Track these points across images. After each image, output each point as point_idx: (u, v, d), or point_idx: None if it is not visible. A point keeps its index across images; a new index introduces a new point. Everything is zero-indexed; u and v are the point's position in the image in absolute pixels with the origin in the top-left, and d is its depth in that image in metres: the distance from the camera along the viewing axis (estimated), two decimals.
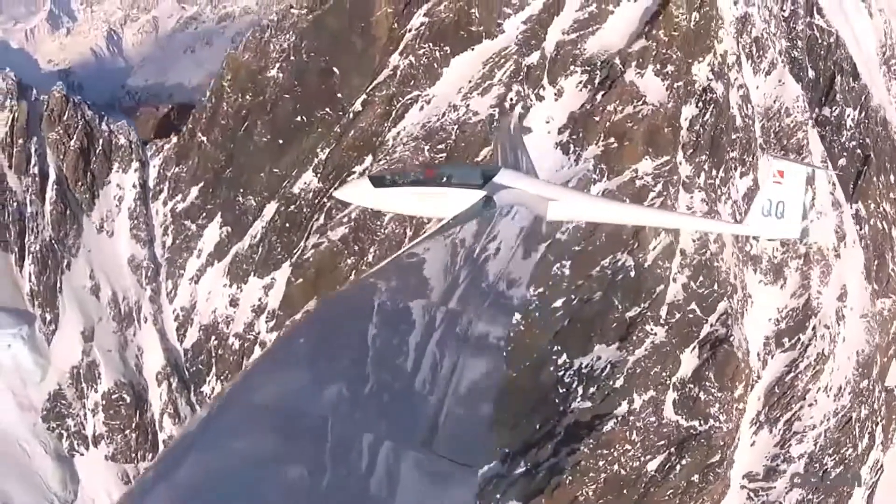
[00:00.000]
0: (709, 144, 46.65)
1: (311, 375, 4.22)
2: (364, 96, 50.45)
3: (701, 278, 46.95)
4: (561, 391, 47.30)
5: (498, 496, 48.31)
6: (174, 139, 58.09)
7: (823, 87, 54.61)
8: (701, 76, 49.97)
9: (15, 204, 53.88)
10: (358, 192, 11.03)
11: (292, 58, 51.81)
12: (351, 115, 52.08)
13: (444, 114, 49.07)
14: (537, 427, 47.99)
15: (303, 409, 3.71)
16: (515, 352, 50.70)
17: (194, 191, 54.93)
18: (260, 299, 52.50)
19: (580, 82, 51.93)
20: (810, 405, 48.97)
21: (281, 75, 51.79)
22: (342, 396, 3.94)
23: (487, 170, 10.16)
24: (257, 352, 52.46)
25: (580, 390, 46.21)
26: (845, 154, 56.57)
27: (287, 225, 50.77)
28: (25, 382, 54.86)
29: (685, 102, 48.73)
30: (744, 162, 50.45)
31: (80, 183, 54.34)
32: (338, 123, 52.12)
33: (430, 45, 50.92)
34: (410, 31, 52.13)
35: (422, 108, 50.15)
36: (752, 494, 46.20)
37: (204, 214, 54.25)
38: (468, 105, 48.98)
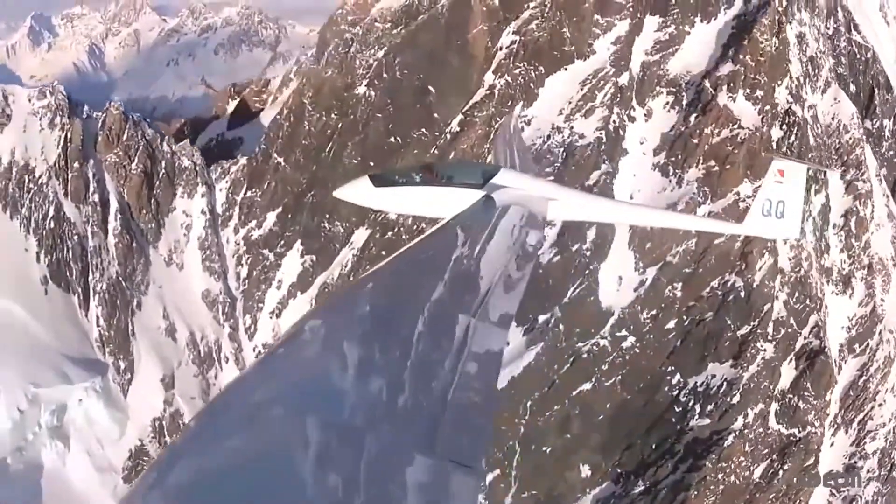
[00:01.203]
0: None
1: (311, 375, 3.87)
2: (461, 116, 44.35)
3: (797, 294, 43.84)
4: (677, 410, 42.90)
5: None
6: (242, 160, 49.61)
7: (864, 100, 53.18)
8: (781, 99, 46.71)
9: (75, 237, 44.30)
10: (358, 192, 9.86)
11: (385, 75, 44.83)
12: (448, 135, 45.56)
13: (548, 136, 43.64)
14: (653, 447, 43.29)
15: (301, 405, 3.43)
16: (630, 374, 46.18)
17: (271, 217, 47.11)
18: None
19: (667, 103, 48.13)
20: (880, 405, 47.85)
21: (373, 93, 44.60)
22: (341, 395, 3.66)
23: (487, 169, 9.35)
24: None
25: (697, 408, 42.11)
26: (885, 164, 55.60)
27: (384, 253, 43.82)
28: (102, 441, 46.90)
29: (772, 125, 48.45)
30: (817, 180, 47.82)
31: (144, 211, 45.37)
32: (434, 144, 45.73)
33: (525, 64, 45.34)
34: (502, 48, 46.06)
35: (522, 129, 44.40)
36: (834, 491, 43.41)
37: (282, 242, 46.65)
38: (572, 127, 43.92)
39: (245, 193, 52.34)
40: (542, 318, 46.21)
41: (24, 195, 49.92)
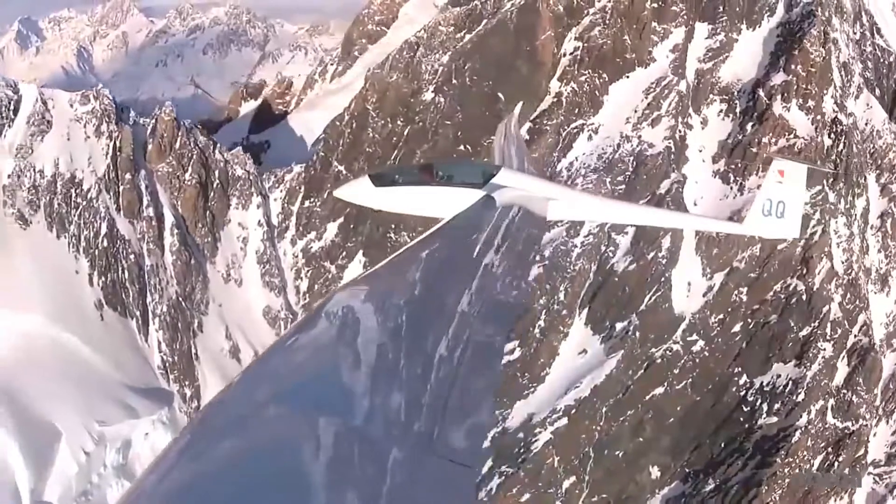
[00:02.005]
0: (843, 172, 43.73)
1: (311, 374, 3.84)
2: (529, 124, 42.28)
3: (848, 295, 44.11)
4: (745, 410, 42.53)
5: None
6: (297, 168, 46.29)
7: (888, 104, 53.93)
8: (828, 108, 46.70)
9: (131, 256, 39.71)
10: (358, 192, 9.53)
11: (454, 81, 42.27)
12: None
13: (618, 145, 42.11)
14: (722, 446, 42.79)
15: (301, 405, 3.34)
16: (699, 376, 45.51)
17: (332, 228, 44.33)
18: None
19: (721, 111, 47.75)
20: None
21: (442, 100, 42.04)
22: (351, 395, 3.63)
23: (488, 169, 9.06)
24: None
25: (765, 407, 41.74)
26: None
27: None
28: None
29: (822, 134, 49.61)
30: (859, 184, 48.21)
31: (199, 224, 41.60)
32: None
33: (590, 71, 43.68)
34: (565, 55, 44.29)
35: (590, 137, 43.38)
36: (877, 478, 44.02)
37: (344, 253, 43.63)
38: (640, 136, 42.64)
39: (302, 203, 48.62)
40: (619, 325, 44.82)
41: (71, 211, 44.68)
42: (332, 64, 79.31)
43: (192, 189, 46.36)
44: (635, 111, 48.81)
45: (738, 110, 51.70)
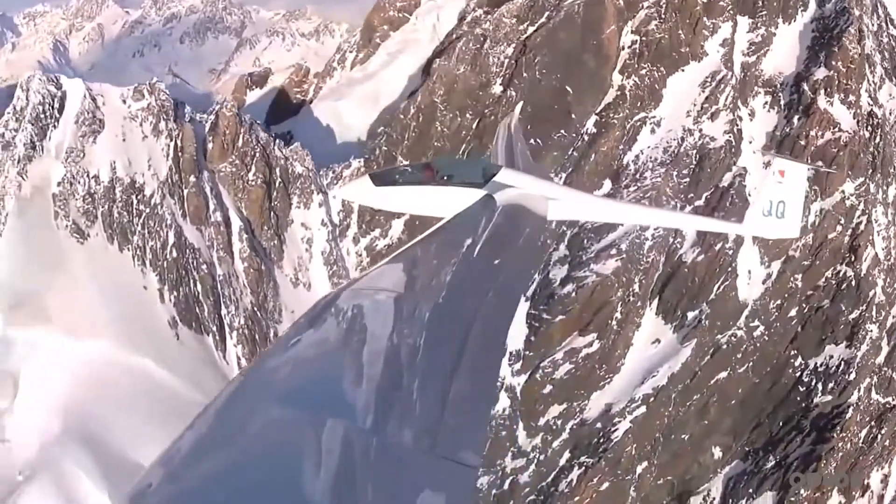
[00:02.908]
0: (880, 163, 45.58)
1: (311, 375, 3.79)
2: (595, 117, 41.75)
3: (888, 279, 46.27)
4: (801, 390, 44.11)
5: (750, 490, 44.09)
6: (356, 163, 44.04)
7: None
8: (864, 102, 48.34)
9: (203, 266, 36.02)
10: (359, 191, 9.64)
11: (524, 74, 41.06)
12: (586, 136, 42.88)
13: (682, 138, 42.23)
14: (781, 424, 44.29)
15: (302, 406, 3.34)
16: (759, 360, 46.63)
17: (398, 224, 42.65)
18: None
19: (766, 103, 48.97)
20: None
21: (513, 93, 40.92)
22: (340, 394, 3.59)
23: (488, 168, 9.02)
24: (503, 402, 42.01)
25: (819, 387, 43.35)
26: None
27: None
28: None
29: (863, 128, 51.41)
30: (888, 173, 50.33)
31: (265, 227, 38.71)
32: (572, 146, 42.68)
33: (649, 65, 43.50)
34: (624, 48, 43.96)
35: (652, 130, 43.51)
36: None
37: None
38: (701, 129, 42.67)
39: None
40: (690, 315, 44.91)
41: (134, 220, 40.11)
42: (350, 51, 75.21)
43: (258, 189, 42.80)
44: (694, 104, 48.93)
45: (782, 103, 52.40)
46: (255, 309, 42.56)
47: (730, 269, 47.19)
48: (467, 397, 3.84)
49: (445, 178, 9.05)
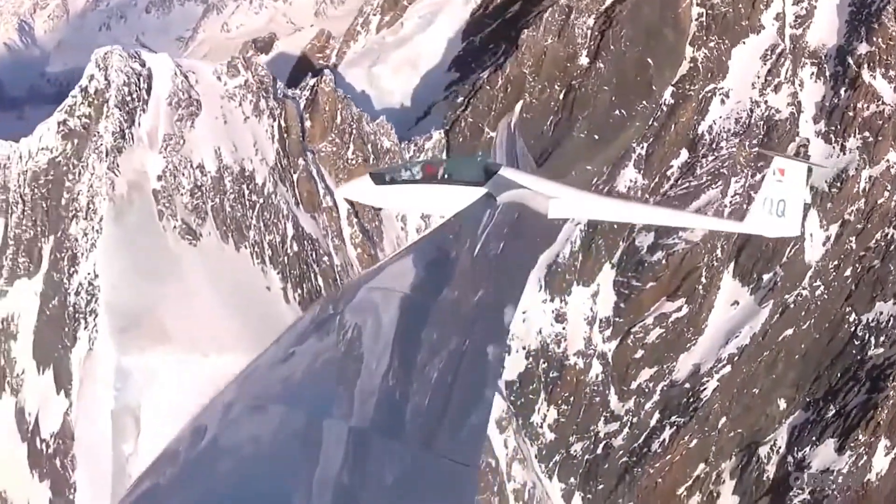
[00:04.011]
0: None
1: (310, 375, 3.89)
2: (672, 88, 43.60)
3: None
4: (856, 343, 48.43)
5: (814, 438, 48.22)
6: (437, 135, 43.56)
7: None
8: None
9: (325, 259, 33.92)
10: (359, 190, 9.88)
11: (612, 46, 42.03)
12: (665, 108, 44.67)
13: (751, 110, 44.88)
14: (839, 376, 48.57)
15: (303, 406, 3.44)
16: (819, 317, 50.35)
17: None
18: (591, 309, 43.24)
19: (812, 74, 51.61)
20: None
21: (602, 66, 41.68)
22: (340, 393, 3.66)
23: (489, 167, 9.21)
24: (596, 369, 43.19)
25: (872, 340, 47.84)
26: None
27: (615, 226, 42.24)
28: None
29: None
30: None
31: (365, 208, 36.83)
32: (652, 116, 44.36)
33: (717, 37, 45.74)
34: (692, 21, 46.08)
35: (722, 101, 46.14)
36: None
37: None
38: (766, 101, 45.41)
39: None
40: (766, 277, 47.20)
41: (248, 213, 36.05)
42: (374, 14, 71.55)
43: (360, 168, 40.30)
44: (758, 77, 51.12)
45: (827, 74, 55.30)
46: None
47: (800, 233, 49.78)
48: (468, 397, 3.80)
49: (446, 176, 9.04)
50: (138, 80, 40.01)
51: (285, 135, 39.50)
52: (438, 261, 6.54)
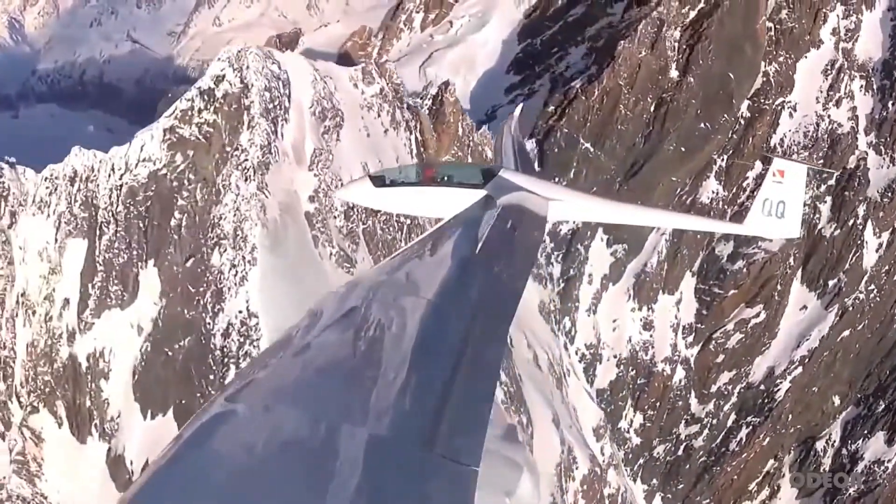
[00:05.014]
0: None
1: (310, 375, 3.99)
2: (748, 102, 45.30)
3: None
4: None
5: (865, 432, 51.41)
6: (530, 144, 43.90)
7: None
8: None
9: None
10: (358, 193, 10.05)
11: (700, 61, 43.15)
12: (742, 121, 46.43)
13: (817, 124, 46.87)
14: (888, 372, 51.80)
15: (301, 406, 3.54)
16: (872, 317, 53.23)
17: None
18: (676, 316, 44.56)
19: (861, 87, 54.17)
20: None
21: (692, 79, 42.75)
22: (340, 394, 3.74)
23: (487, 169, 9.32)
24: (679, 374, 44.36)
25: None
26: None
27: (698, 236, 43.69)
28: None
29: None
30: None
31: None
32: (731, 129, 45.98)
33: (785, 52, 47.66)
34: (767, 35, 47.69)
35: (790, 114, 48.16)
36: None
37: (588, 233, 43.36)
38: (829, 115, 47.59)
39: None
40: (831, 283, 49.22)
41: (397, 235, 34.58)
42: (417, 11, 69.21)
43: None
44: (820, 91, 52.52)
45: (874, 87, 57.11)
46: None
47: (860, 241, 51.82)
48: (468, 397, 3.85)
49: (445, 179, 9.01)
50: (279, 84, 34.86)
51: (422, 148, 37.26)
52: (438, 263, 6.40)
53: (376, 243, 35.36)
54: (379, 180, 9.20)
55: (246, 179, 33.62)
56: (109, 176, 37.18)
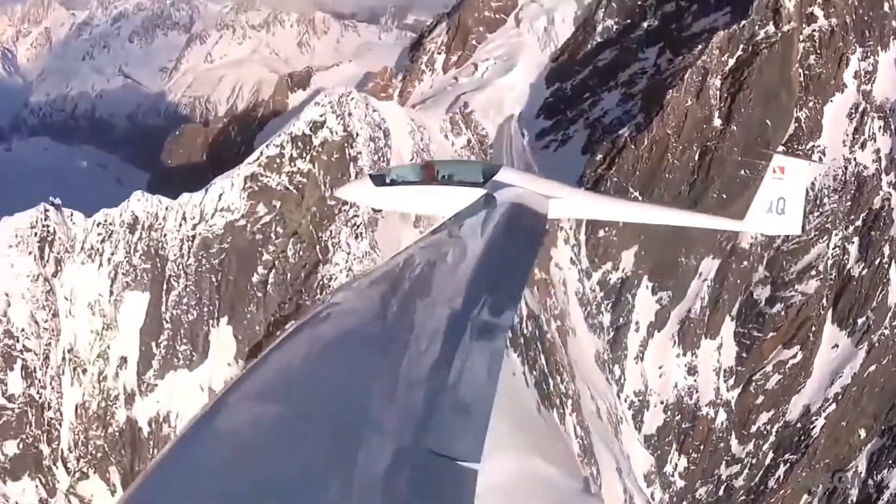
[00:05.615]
0: None
1: (310, 376, 3.93)
2: (782, 147, 47.53)
3: None
4: None
5: (890, 461, 53.42)
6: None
7: None
8: None
9: (549, 336, 33.26)
10: (359, 192, 10.06)
11: (742, 109, 44.92)
12: None
13: (845, 167, 49.03)
14: None
15: (301, 406, 3.46)
16: None
17: (627, 256, 44.11)
18: (718, 360, 45.77)
19: (880, 127, 56.20)
20: None
21: (735, 128, 44.40)
22: (340, 394, 3.68)
23: (488, 168, 9.26)
24: (721, 417, 45.16)
25: None
26: None
27: (737, 281, 45.21)
28: None
29: None
30: None
31: (539, 272, 37.20)
32: None
33: (814, 97, 49.62)
34: (799, 82, 49.62)
35: (820, 159, 49.46)
36: None
37: (635, 281, 44.44)
38: (855, 158, 49.82)
39: (594, 232, 44.81)
40: (860, 321, 50.87)
41: None
42: (439, 53, 69.04)
43: (549, 235, 38.51)
44: (846, 134, 54.27)
45: (893, 127, 58.32)
46: (561, 368, 37.07)
47: (886, 279, 53.61)
48: (468, 397, 3.81)
49: (445, 177, 8.96)
50: (381, 134, 33.20)
51: None
52: (438, 262, 6.29)
53: None
54: (379, 179, 8.85)
55: (357, 237, 31.80)
56: (181, 225, 34.52)
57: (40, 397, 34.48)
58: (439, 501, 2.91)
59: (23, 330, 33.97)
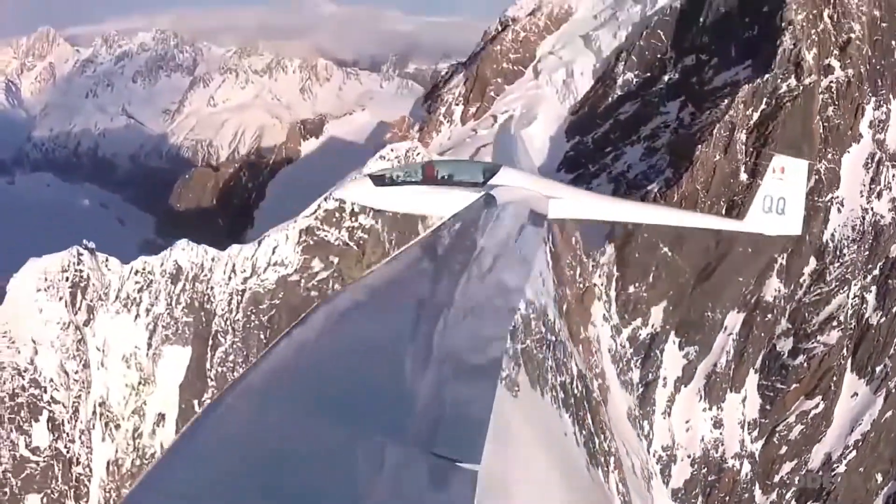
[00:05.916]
0: None
1: (310, 377, 3.88)
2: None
3: None
4: None
5: None
6: (610, 248, 45.17)
7: None
8: None
9: (595, 394, 33.87)
10: (359, 192, 9.97)
11: (765, 163, 46.06)
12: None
13: (863, 217, 50.62)
14: None
15: (301, 407, 3.38)
16: None
17: (656, 311, 45.17)
18: (742, 413, 46.78)
19: (895, 175, 56.78)
20: None
21: (760, 181, 45.47)
22: (340, 395, 3.62)
23: (488, 168, 9.31)
24: (746, 468, 45.69)
25: None
26: None
27: (761, 334, 46.50)
28: None
29: None
30: None
31: (581, 327, 38.08)
32: None
33: (833, 148, 51.41)
34: (819, 134, 51.56)
35: (839, 210, 51.31)
36: None
37: (664, 337, 45.48)
38: (872, 208, 51.48)
39: (624, 288, 45.67)
40: (878, 369, 52.20)
41: (547, 355, 32.37)
42: (457, 104, 70.18)
43: (592, 290, 38.24)
44: (863, 185, 55.64)
45: None
46: (605, 425, 36.82)
47: None
48: (468, 398, 3.81)
49: (446, 177, 8.92)
50: None
51: (557, 260, 34.51)
52: (438, 262, 6.37)
53: (534, 365, 31.71)
54: (379, 179, 8.83)
55: None
56: (230, 278, 33.43)
57: (68, 451, 33.05)
58: (440, 502, 2.92)
59: (51, 380, 32.59)
